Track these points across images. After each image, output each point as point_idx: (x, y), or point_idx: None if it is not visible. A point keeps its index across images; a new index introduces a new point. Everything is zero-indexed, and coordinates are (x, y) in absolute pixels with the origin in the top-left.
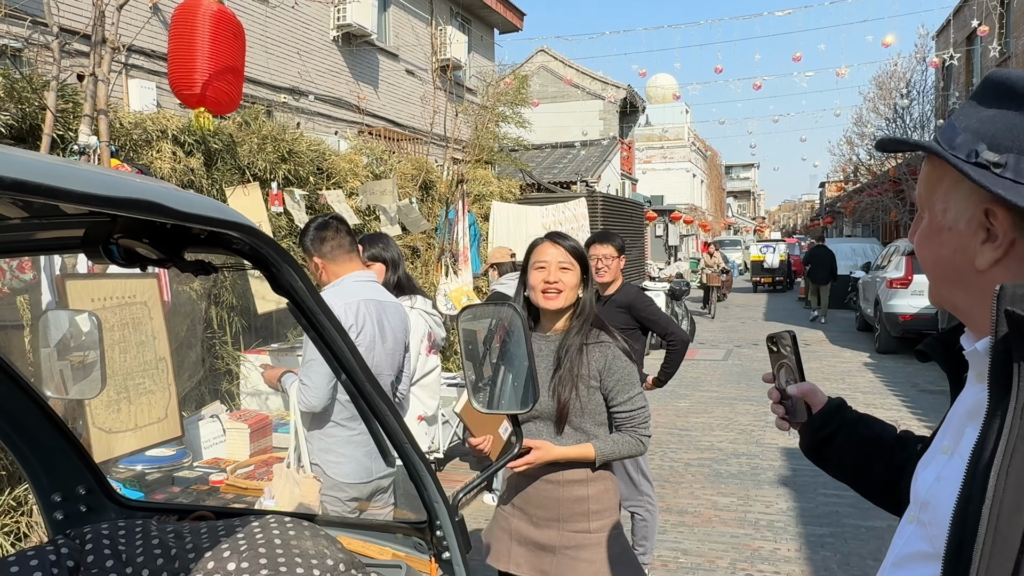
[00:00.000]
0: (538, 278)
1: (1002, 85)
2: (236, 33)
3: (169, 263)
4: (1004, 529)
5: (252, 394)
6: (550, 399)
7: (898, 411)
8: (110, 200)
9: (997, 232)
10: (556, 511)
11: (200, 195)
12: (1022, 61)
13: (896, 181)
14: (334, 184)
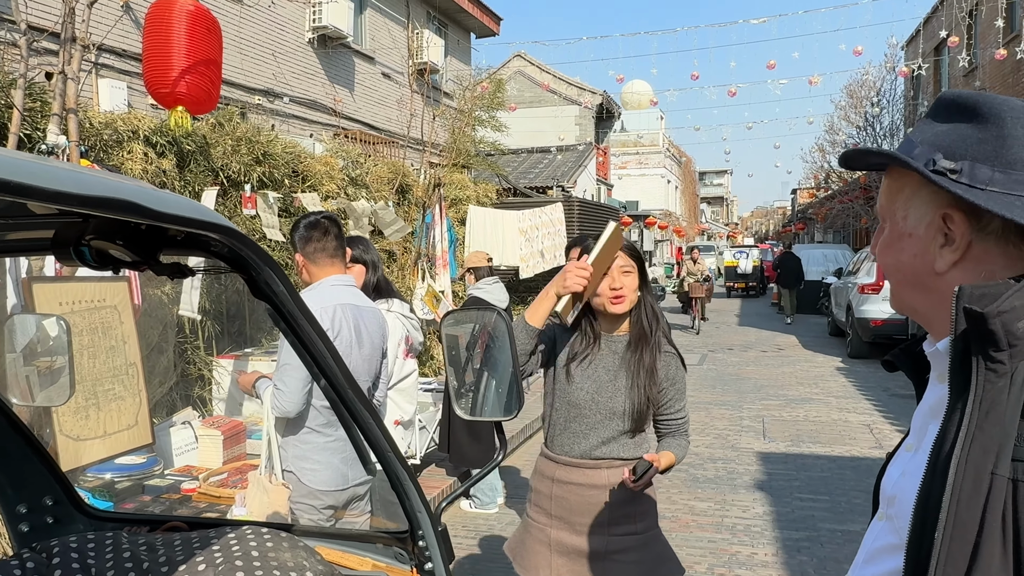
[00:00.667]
0: (603, 284)
1: (953, 103)
2: (211, 28)
3: (144, 266)
4: (963, 514)
5: (225, 399)
6: (625, 401)
7: (870, 415)
8: (84, 199)
9: (955, 235)
10: (603, 516)
11: (177, 195)
12: (988, 71)
13: (866, 188)
14: (309, 187)
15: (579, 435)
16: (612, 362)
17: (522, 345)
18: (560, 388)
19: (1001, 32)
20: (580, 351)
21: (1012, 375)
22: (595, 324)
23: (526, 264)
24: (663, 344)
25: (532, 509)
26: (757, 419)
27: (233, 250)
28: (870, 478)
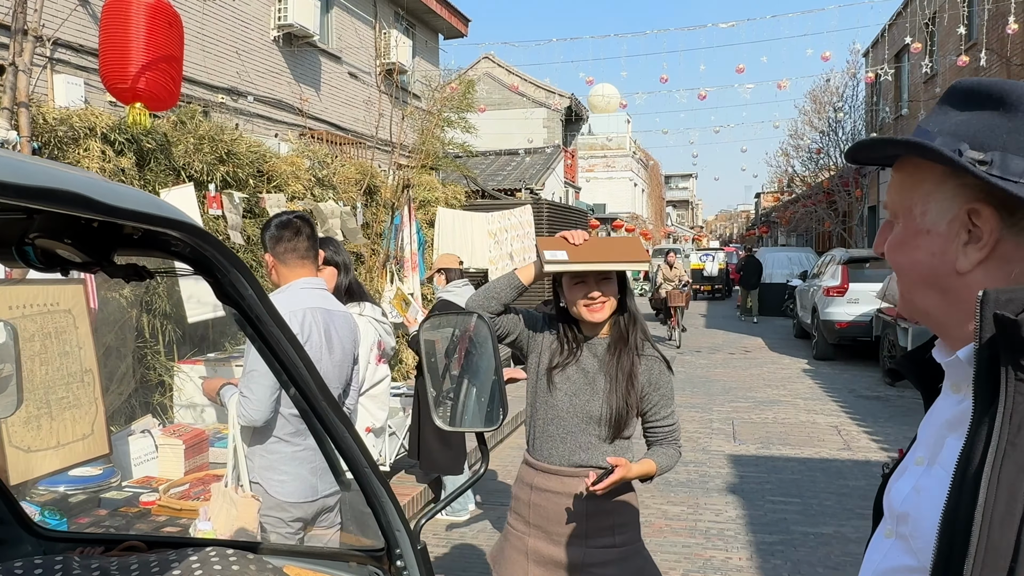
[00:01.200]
0: (579, 293)
1: (974, 91)
2: (172, 23)
3: (96, 267)
4: (996, 537)
5: (187, 407)
6: (603, 407)
7: (837, 416)
8: (23, 190)
9: (982, 232)
10: (581, 527)
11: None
12: (948, 78)
13: (829, 192)
14: (275, 187)
15: (557, 440)
16: (591, 365)
17: (503, 295)
18: (541, 391)
19: (962, 39)
20: (561, 355)
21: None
22: (575, 329)
23: (495, 266)
24: (644, 348)
25: (512, 516)
26: (727, 421)
27: (196, 250)
28: (840, 480)
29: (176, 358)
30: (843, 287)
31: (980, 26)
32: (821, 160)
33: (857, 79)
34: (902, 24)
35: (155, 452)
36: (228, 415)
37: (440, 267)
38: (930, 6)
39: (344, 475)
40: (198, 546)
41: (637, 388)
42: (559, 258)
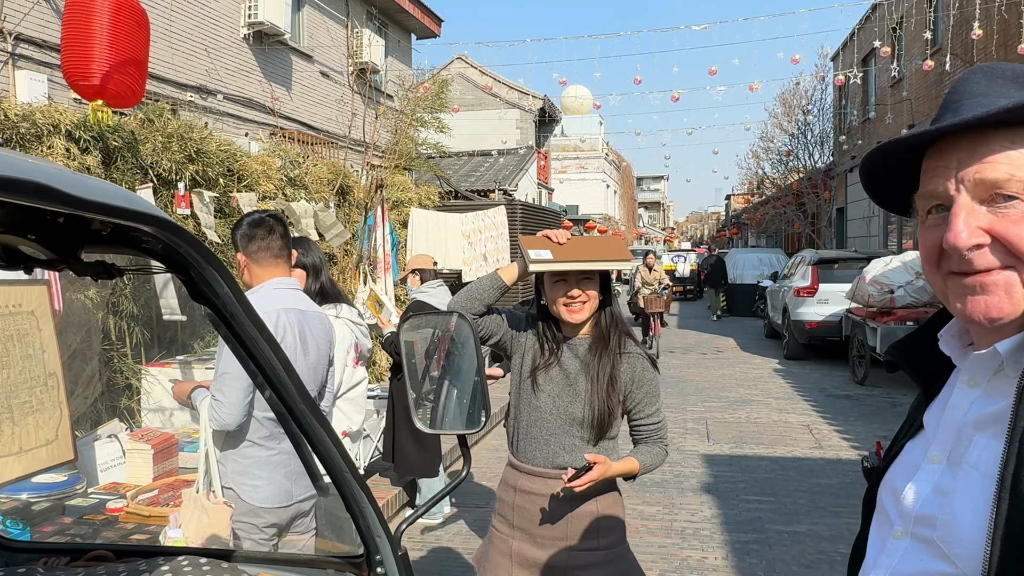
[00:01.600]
0: (559, 292)
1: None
2: (140, 22)
3: (62, 265)
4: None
5: (155, 410)
6: (585, 408)
7: (809, 416)
8: None
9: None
10: (564, 529)
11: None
12: (914, 82)
13: (798, 194)
14: (246, 187)
15: (540, 441)
16: (573, 367)
17: (485, 296)
18: (524, 393)
19: (928, 44)
20: (543, 356)
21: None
22: (554, 329)
23: (469, 267)
24: (626, 346)
25: (496, 519)
26: (700, 421)
27: (169, 247)
28: (812, 478)
29: (144, 360)
30: (813, 288)
31: (945, 31)
32: (791, 162)
33: (826, 82)
34: (870, 28)
35: (122, 457)
36: (200, 419)
37: (414, 268)
38: (897, 10)
39: (322, 479)
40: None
41: (619, 389)
42: (544, 257)
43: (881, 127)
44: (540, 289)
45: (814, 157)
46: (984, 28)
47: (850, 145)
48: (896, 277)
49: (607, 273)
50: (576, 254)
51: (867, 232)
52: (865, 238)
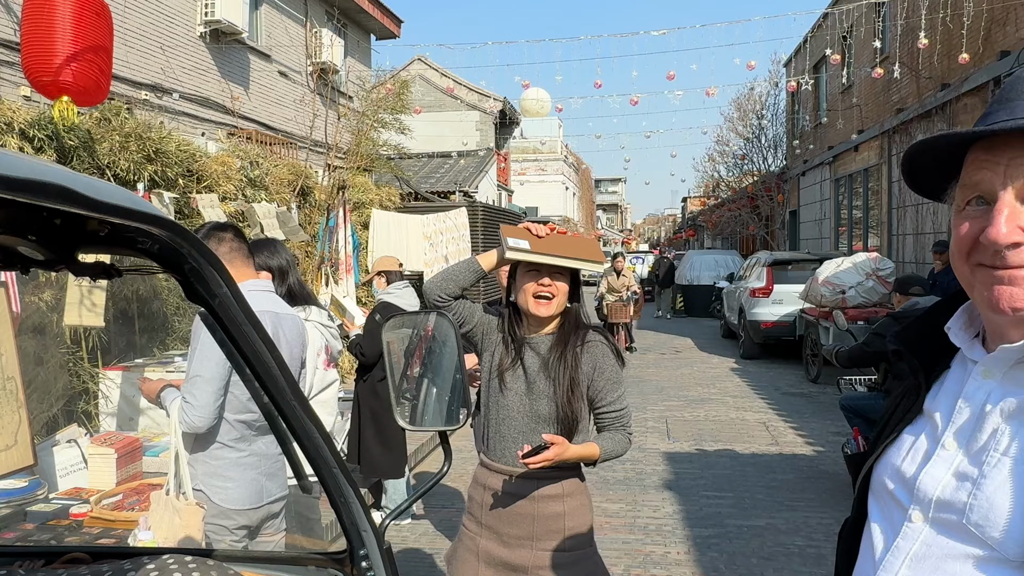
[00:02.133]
0: (530, 281)
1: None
2: (100, 13)
3: (60, 265)
4: None
5: (114, 414)
6: (550, 405)
7: (765, 413)
8: (14, 182)
9: None
10: (530, 529)
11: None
12: (862, 89)
13: (753, 197)
14: (205, 188)
15: (509, 440)
16: (534, 364)
17: (461, 279)
18: (493, 391)
19: (876, 52)
20: (507, 354)
21: None
22: (519, 328)
23: (431, 269)
24: (588, 336)
25: (466, 517)
26: (661, 420)
27: (166, 247)
28: (769, 474)
29: (101, 364)
30: (768, 288)
31: (893, 40)
32: (745, 165)
33: (779, 88)
34: (821, 36)
35: (82, 463)
36: (170, 420)
37: (380, 270)
38: (847, 19)
39: (306, 478)
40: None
41: (580, 391)
42: (522, 246)
43: (832, 132)
44: (510, 286)
45: (768, 161)
46: (929, 38)
47: (802, 149)
48: (847, 278)
49: (577, 273)
50: (553, 248)
51: (819, 234)
52: (817, 240)
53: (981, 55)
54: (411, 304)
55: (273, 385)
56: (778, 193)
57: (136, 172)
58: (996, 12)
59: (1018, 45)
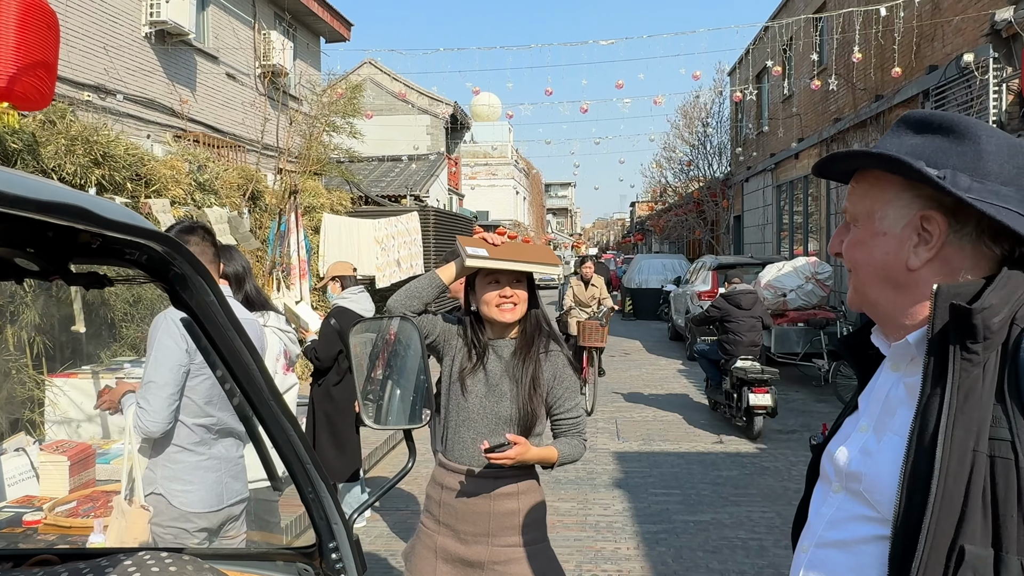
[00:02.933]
0: (492, 292)
1: (925, 121)
2: (50, 24)
3: (55, 276)
4: (951, 488)
5: (60, 422)
6: (511, 406)
7: (710, 412)
8: (42, 204)
9: (931, 235)
10: (486, 526)
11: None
12: (802, 99)
13: (699, 203)
14: (154, 192)
15: (468, 441)
16: (498, 368)
17: (424, 294)
18: (454, 395)
19: (815, 65)
20: (470, 360)
21: (985, 364)
22: (482, 333)
23: (382, 273)
24: (550, 346)
25: (424, 515)
26: (611, 420)
27: (153, 258)
28: (714, 471)
29: (46, 371)
30: (713, 291)
31: (830, 53)
32: (691, 172)
33: (723, 96)
34: (762, 48)
35: (31, 471)
36: (125, 425)
37: (335, 275)
38: (786, 32)
39: (278, 477)
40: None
41: (542, 391)
42: (480, 254)
43: (774, 140)
44: (468, 297)
45: (713, 167)
46: (864, 52)
47: (746, 156)
48: (788, 281)
49: (532, 280)
50: (510, 254)
51: (762, 239)
52: (760, 244)
53: (912, 69)
54: (366, 308)
55: (253, 388)
56: (723, 199)
57: (83, 176)
58: (925, 29)
59: (945, 60)
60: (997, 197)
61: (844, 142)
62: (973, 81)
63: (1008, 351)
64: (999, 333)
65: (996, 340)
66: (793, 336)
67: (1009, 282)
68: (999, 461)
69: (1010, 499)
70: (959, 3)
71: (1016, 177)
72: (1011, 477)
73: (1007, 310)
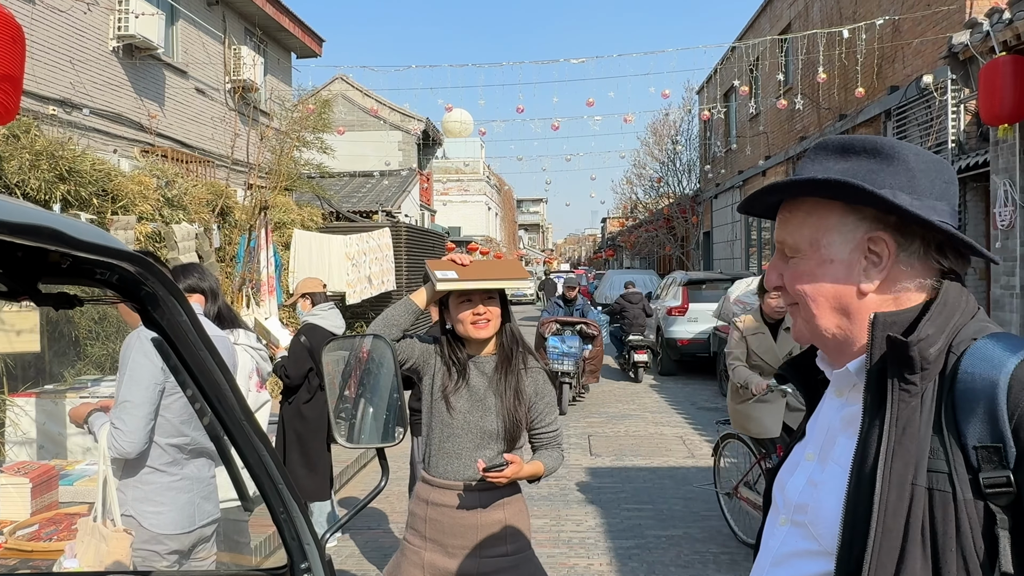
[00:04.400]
0: (466, 311)
1: (847, 145)
2: (15, 37)
3: (23, 296)
4: (890, 522)
5: (21, 443)
6: (496, 422)
7: (682, 428)
8: (15, 227)
9: (882, 255)
10: (475, 538)
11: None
12: (769, 118)
13: (669, 219)
14: (121, 208)
15: (452, 456)
16: (481, 384)
17: (401, 321)
18: (437, 412)
19: (780, 85)
20: (451, 377)
21: (922, 395)
22: (461, 350)
23: (353, 290)
24: (528, 361)
25: (408, 532)
26: (583, 436)
27: (124, 278)
28: (686, 486)
29: (6, 391)
30: (684, 307)
31: (795, 73)
32: (661, 188)
33: (692, 114)
34: (730, 68)
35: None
36: (98, 446)
37: (304, 291)
38: (753, 52)
39: (248, 496)
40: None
41: (525, 403)
42: (450, 276)
43: (742, 157)
44: (443, 316)
45: (682, 184)
46: (828, 72)
47: (715, 173)
48: (756, 297)
49: (504, 295)
50: (479, 274)
51: (731, 254)
52: (729, 260)
53: (875, 89)
54: (336, 325)
55: (225, 407)
56: (692, 215)
57: (48, 191)
58: (886, 51)
59: (906, 81)
60: (935, 212)
61: None
62: (933, 101)
63: (945, 381)
64: (936, 363)
65: (933, 370)
66: None
67: (945, 309)
68: (937, 494)
69: (948, 533)
70: (918, 27)
71: (945, 192)
72: (949, 510)
73: (943, 339)
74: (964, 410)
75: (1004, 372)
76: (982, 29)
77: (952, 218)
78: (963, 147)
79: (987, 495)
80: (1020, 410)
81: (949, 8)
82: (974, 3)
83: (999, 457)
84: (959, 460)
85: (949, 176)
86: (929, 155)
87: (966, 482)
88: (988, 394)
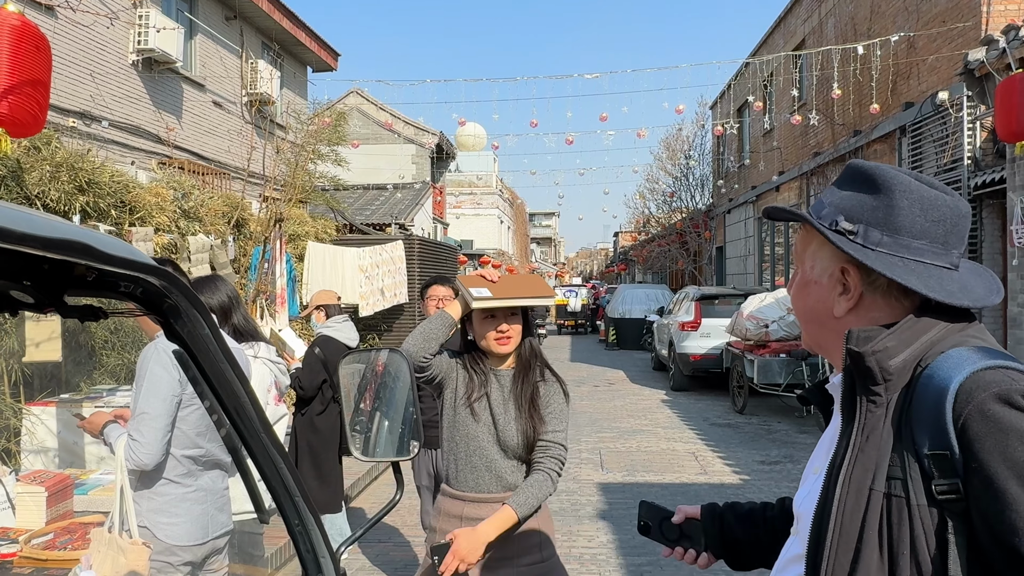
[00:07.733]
0: (489, 328)
1: (857, 171)
2: (39, 46)
3: (50, 308)
4: (847, 525)
5: (38, 451)
6: (517, 432)
7: (695, 444)
8: (47, 241)
9: (850, 287)
10: (514, 547)
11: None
12: (783, 133)
13: (681, 233)
14: (139, 219)
15: (482, 468)
16: (501, 395)
17: (439, 335)
18: (460, 424)
19: (795, 100)
20: (473, 388)
21: (888, 405)
22: (484, 362)
23: (366, 302)
24: (545, 374)
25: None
26: (595, 451)
27: (148, 291)
28: (699, 502)
29: (23, 399)
30: (696, 322)
31: (809, 89)
32: (674, 203)
33: (705, 129)
34: (743, 83)
35: (7, 502)
36: (115, 457)
37: (319, 303)
38: (767, 68)
39: (264, 508)
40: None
41: (540, 411)
42: (484, 295)
43: (755, 173)
44: (465, 327)
45: (695, 198)
46: (842, 88)
47: (728, 188)
48: (770, 312)
49: (528, 314)
50: (510, 291)
51: (744, 270)
52: (742, 275)
53: (889, 105)
54: (350, 338)
55: (244, 419)
56: (705, 230)
57: (67, 203)
58: (901, 67)
59: (921, 97)
60: (908, 251)
61: (824, 176)
62: (948, 118)
63: (909, 390)
64: (900, 375)
65: (898, 382)
66: (775, 367)
67: (915, 326)
68: (894, 499)
69: (903, 538)
70: (933, 43)
71: (929, 230)
72: (903, 515)
73: (908, 352)
74: (918, 418)
75: (955, 381)
76: (998, 46)
77: (934, 256)
78: (979, 164)
79: (940, 502)
80: (963, 418)
81: (964, 25)
82: (990, 20)
83: (949, 465)
84: (915, 467)
85: (940, 214)
86: (924, 191)
87: (920, 488)
88: (937, 402)
